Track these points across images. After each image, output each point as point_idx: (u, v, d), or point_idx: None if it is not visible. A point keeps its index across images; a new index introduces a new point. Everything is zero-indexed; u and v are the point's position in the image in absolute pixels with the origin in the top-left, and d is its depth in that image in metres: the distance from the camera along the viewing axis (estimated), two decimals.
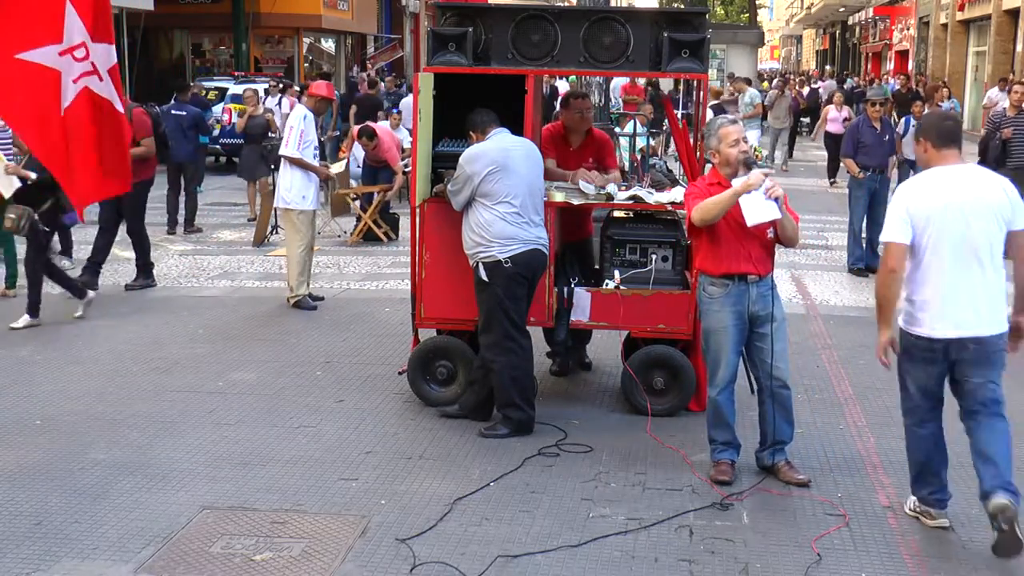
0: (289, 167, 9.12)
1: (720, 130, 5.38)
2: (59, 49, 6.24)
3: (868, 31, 50.73)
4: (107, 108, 6.51)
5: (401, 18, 37.58)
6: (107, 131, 6.57)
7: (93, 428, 6.17)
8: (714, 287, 5.38)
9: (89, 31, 6.35)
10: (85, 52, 6.35)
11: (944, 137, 4.76)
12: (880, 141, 11.09)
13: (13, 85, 6.21)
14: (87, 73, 6.38)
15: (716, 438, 5.58)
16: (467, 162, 5.99)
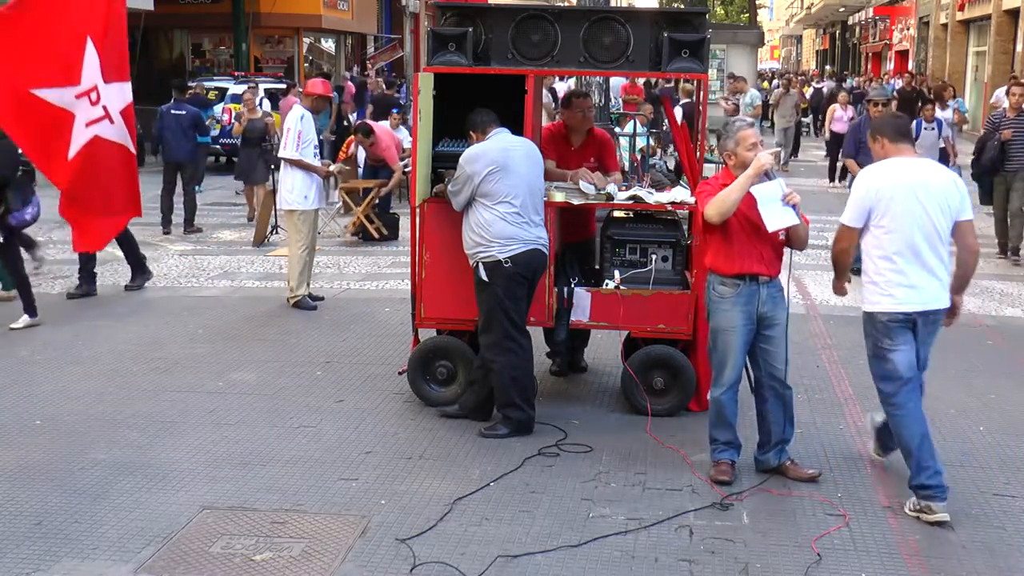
0: (289, 168, 9.12)
1: (738, 132, 5.35)
2: (76, 92, 6.16)
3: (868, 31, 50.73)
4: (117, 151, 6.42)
5: (401, 18, 37.58)
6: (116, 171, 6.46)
7: (93, 428, 6.17)
8: (724, 286, 5.37)
9: (103, 71, 6.26)
10: (97, 96, 6.27)
11: (898, 132, 5.21)
12: None
13: (26, 118, 6.11)
14: (99, 119, 6.30)
15: (717, 437, 5.57)
16: (467, 162, 5.99)
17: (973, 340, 8.47)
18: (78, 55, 6.16)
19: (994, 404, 6.84)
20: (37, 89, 6.06)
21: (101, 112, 6.28)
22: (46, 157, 6.24)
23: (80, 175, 6.29)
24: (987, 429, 6.36)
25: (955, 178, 5.18)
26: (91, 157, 6.28)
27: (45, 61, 6.07)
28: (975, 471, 5.70)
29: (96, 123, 6.28)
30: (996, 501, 5.32)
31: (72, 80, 6.14)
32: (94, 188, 6.39)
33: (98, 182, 6.39)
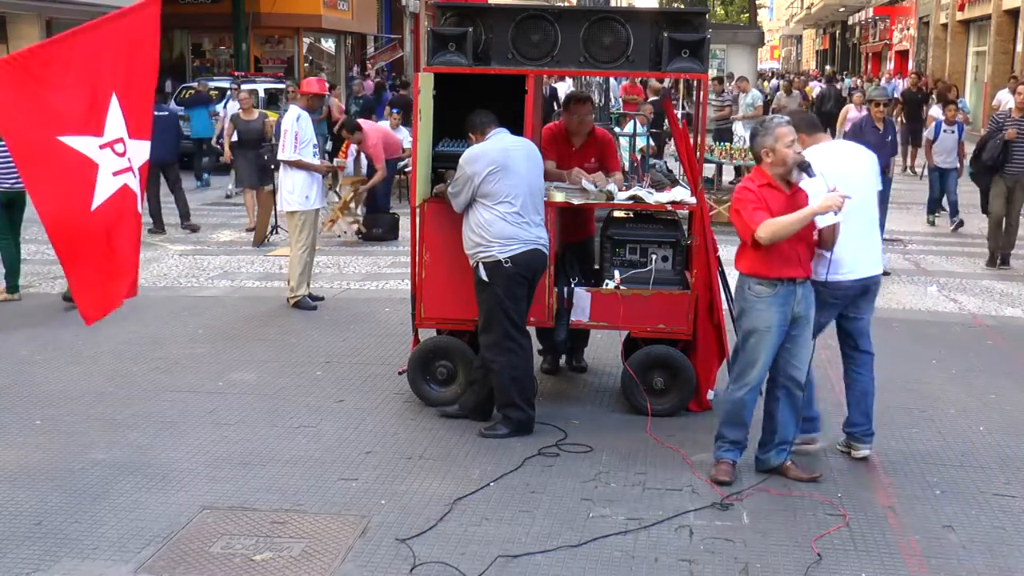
0: (289, 170, 9.10)
1: (777, 129, 5.25)
2: (100, 142, 6.07)
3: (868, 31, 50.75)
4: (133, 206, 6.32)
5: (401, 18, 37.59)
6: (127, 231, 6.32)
7: (93, 428, 6.17)
8: (761, 286, 5.29)
9: (128, 126, 6.20)
10: (124, 148, 6.18)
11: (812, 126, 5.80)
12: (883, 141, 10.94)
13: (48, 166, 5.98)
14: (126, 169, 6.20)
15: (726, 435, 5.51)
16: (467, 163, 5.99)
17: (973, 340, 8.47)
18: (103, 106, 6.09)
19: (994, 404, 6.84)
20: (63, 136, 5.96)
21: (127, 163, 6.20)
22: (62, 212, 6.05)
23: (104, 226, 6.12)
24: (987, 429, 6.36)
25: (871, 156, 5.82)
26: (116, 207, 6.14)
27: (70, 109, 5.99)
28: (975, 471, 5.70)
29: (123, 173, 6.18)
30: (996, 501, 5.32)
31: (96, 130, 6.05)
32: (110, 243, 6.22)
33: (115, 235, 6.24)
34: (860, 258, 5.53)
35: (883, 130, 11.07)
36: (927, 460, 5.84)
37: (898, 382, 7.24)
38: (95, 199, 6.03)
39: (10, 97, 5.88)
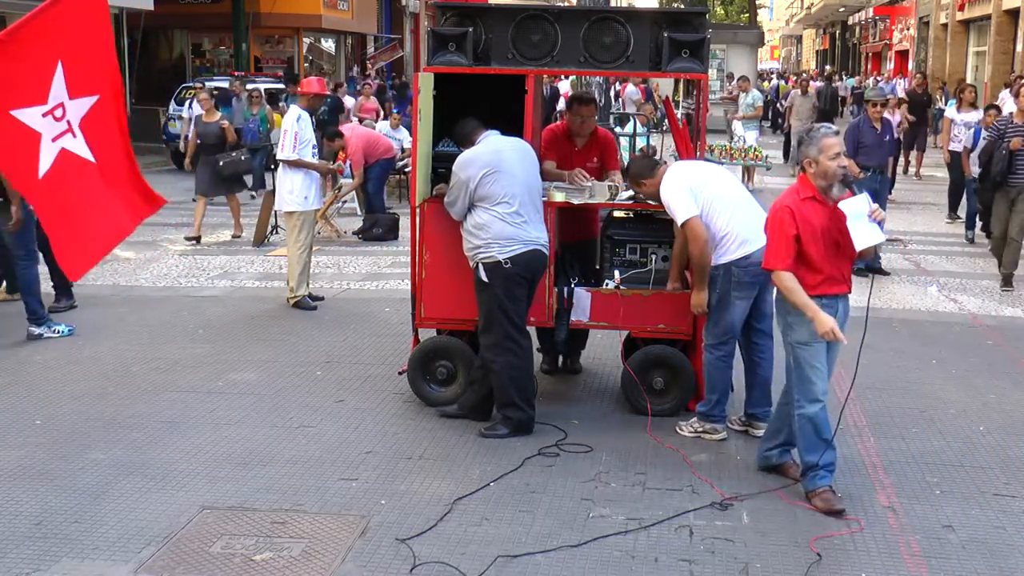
0: (289, 170, 9.10)
1: (823, 140, 5.10)
2: (43, 110, 6.33)
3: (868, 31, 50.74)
4: (82, 164, 6.50)
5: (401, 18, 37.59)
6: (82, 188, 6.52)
7: (93, 428, 6.17)
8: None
9: (69, 88, 6.42)
10: (62, 112, 6.41)
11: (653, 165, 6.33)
12: (880, 141, 10.94)
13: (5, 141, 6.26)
14: (63, 132, 6.42)
15: (817, 463, 5.16)
16: (460, 168, 5.99)
17: (973, 340, 8.47)
18: (48, 76, 6.34)
19: (994, 404, 6.84)
20: (15, 110, 6.23)
21: (65, 126, 6.41)
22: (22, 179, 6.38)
23: (54, 192, 6.36)
24: (987, 429, 6.36)
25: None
26: (61, 171, 6.38)
27: (23, 82, 6.27)
28: (975, 471, 5.70)
29: (60, 137, 6.41)
30: (996, 501, 5.32)
31: (41, 99, 6.31)
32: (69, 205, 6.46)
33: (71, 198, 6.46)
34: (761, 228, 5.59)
35: (880, 130, 11.03)
36: (927, 460, 5.84)
37: (898, 382, 7.24)
38: (40, 167, 6.35)
39: None
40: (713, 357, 6.01)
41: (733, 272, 5.85)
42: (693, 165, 6.22)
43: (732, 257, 5.86)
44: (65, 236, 6.49)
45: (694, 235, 5.87)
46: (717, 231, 5.90)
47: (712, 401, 6.06)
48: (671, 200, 5.96)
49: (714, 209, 5.90)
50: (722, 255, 5.89)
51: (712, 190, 5.94)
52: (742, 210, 5.95)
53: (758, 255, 5.67)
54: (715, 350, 6.00)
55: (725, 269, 5.88)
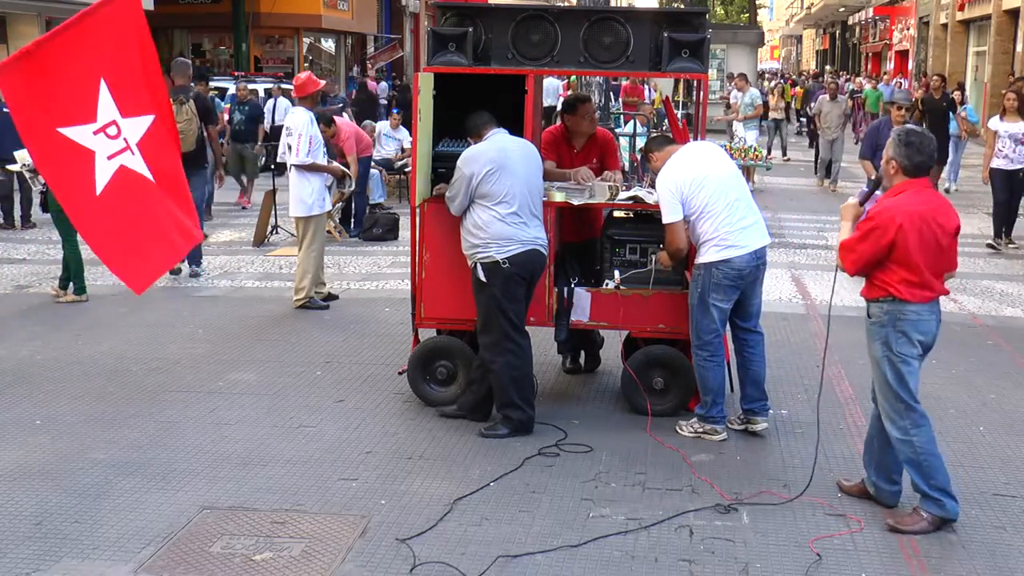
0: (304, 173, 9.01)
1: None
2: (94, 128, 6.31)
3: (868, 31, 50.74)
4: (142, 182, 6.49)
5: (401, 18, 37.59)
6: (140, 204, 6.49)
7: (93, 428, 6.17)
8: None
9: (119, 107, 6.40)
10: (117, 130, 6.40)
11: (667, 141, 6.40)
12: None
13: (55, 159, 6.25)
14: (122, 151, 6.40)
15: (939, 487, 4.95)
16: (464, 163, 5.99)
17: (973, 340, 8.48)
18: (93, 94, 6.32)
19: (994, 404, 6.84)
20: (62, 128, 6.20)
21: (123, 144, 6.40)
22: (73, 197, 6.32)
23: (114, 208, 6.33)
24: (987, 429, 6.36)
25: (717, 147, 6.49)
26: (121, 187, 6.35)
27: (66, 100, 6.25)
28: (975, 471, 5.70)
29: (118, 155, 6.40)
30: (996, 501, 5.32)
31: (89, 118, 6.29)
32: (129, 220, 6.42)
33: (132, 213, 6.43)
34: (749, 232, 5.93)
35: None
36: None
37: None
38: (98, 184, 6.31)
39: (22, 94, 6.15)
40: (699, 357, 6.04)
41: (713, 274, 5.88)
42: (697, 157, 6.09)
43: (713, 259, 5.88)
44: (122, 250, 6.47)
45: (671, 238, 6.02)
46: (703, 232, 5.92)
47: (708, 403, 6.07)
48: (660, 196, 6.03)
49: (706, 212, 5.90)
50: (704, 255, 5.92)
51: (707, 193, 5.91)
52: (734, 213, 5.93)
53: (740, 261, 5.77)
54: (700, 350, 6.03)
55: (706, 269, 5.91)
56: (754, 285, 6.06)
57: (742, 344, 6.19)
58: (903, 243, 4.80)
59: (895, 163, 4.92)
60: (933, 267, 4.89)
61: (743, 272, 5.88)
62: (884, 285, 4.91)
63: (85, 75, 6.31)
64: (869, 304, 5.02)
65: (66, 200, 6.40)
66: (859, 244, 4.90)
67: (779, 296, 9.81)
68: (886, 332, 4.92)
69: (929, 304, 4.92)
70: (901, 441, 4.97)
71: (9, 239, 12.59)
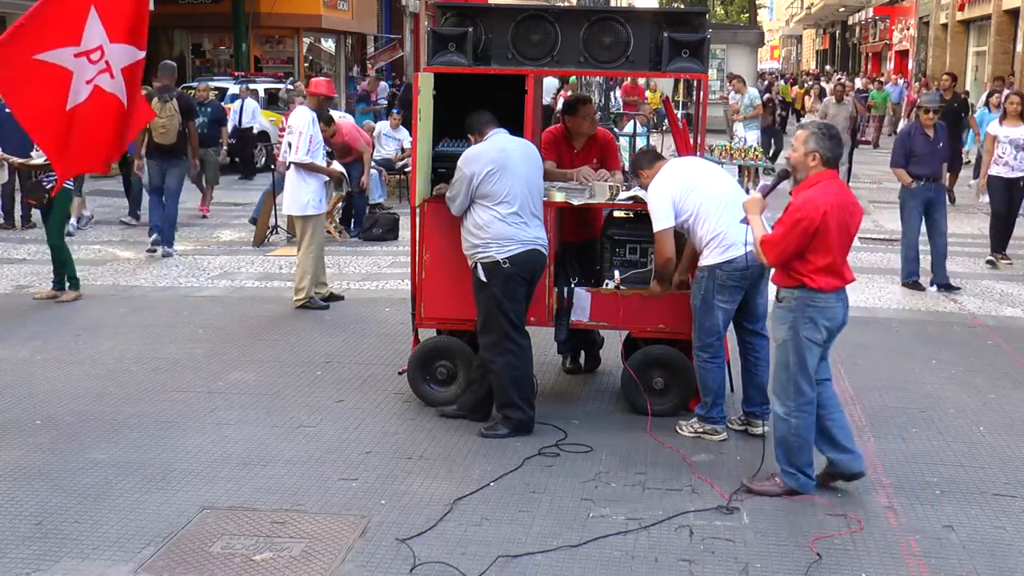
0: (302, 173, 9.03)
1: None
2: (75, 51, 6.51)
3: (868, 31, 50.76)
4: (112, 100, 6.74)
5: (401, 18, 37.58)
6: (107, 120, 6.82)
7: (93, 428, 6.16)
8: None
9: (108, 32, 6.57)
10: (101, 54, 6.61)
11: (656, 157, 6.33)
12: (933, 149, 10.15)
13: (25, 82, 6.51)
14: (101, 72, 6.62)
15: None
16: (465, 163, 5.99)
17: (973, 340, 8.47)
18: (81, 19, 6.54)
19: (994, 404, 6.84)
20: (39, 54, 6.44)
21: (103, 67, 6.64)
22: (40, 119, 6.66)
23: (81, 123, 6.70)
24: (987, 429, 6.36)
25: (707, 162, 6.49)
26: (94, 107, 6.67)
27: (47, 27, 6.54)
28: (975, 471, 5.70)
29: (98, 75, 6.63)
30: (996, 501, 5.32)
31: (72, 41, 6.52)
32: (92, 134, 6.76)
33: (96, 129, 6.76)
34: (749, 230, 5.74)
35: (934, 137, 10.15)
36: (927, 460, 5.84)
37: (898, 382, 7.24)
38: (69, 101, 6.69)
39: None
40: (700, 359, 6.04)
41: (717, 275, 5.87)
42: (687, 167, 6.17)
43: (717, 260, 5.86)
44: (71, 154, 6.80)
45: (661, 246, 6.00)
46: (705, 234, 5.91)
47: (708, 403, 6.07)
48: (651, 204, 6.01)
49: (702, 212, 5.90)
50: (707, 257, 5.91)
51: (701, 193, 5.92)
52: (729, 211, 5.91)
53: (742, 260, 5.74)
54: (702, 352, 6.02)
55: (709, 271, 5.89)
56: (758, 283, 6.06)
57: (748, 348, 6.18)
58: (825, 231, 5.05)
59: (818, 155, 5.13)
60: (845, 255, 5.22)
61: (746, 271, 5.87)
62: (798, 275, 5.14)
63: (72, 2, 6.55)
64: (780, 289, 5.25)
65: (29, 120, 6.72)
66: (786, 238, 5.08)
67: None
68: (794, 317, 5.18)
69: (837, 292, 5.21)
70: (781, 418, 5.28)
71: (9, 239, 12.58)
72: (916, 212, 10.26)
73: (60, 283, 9.41)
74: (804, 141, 5.17)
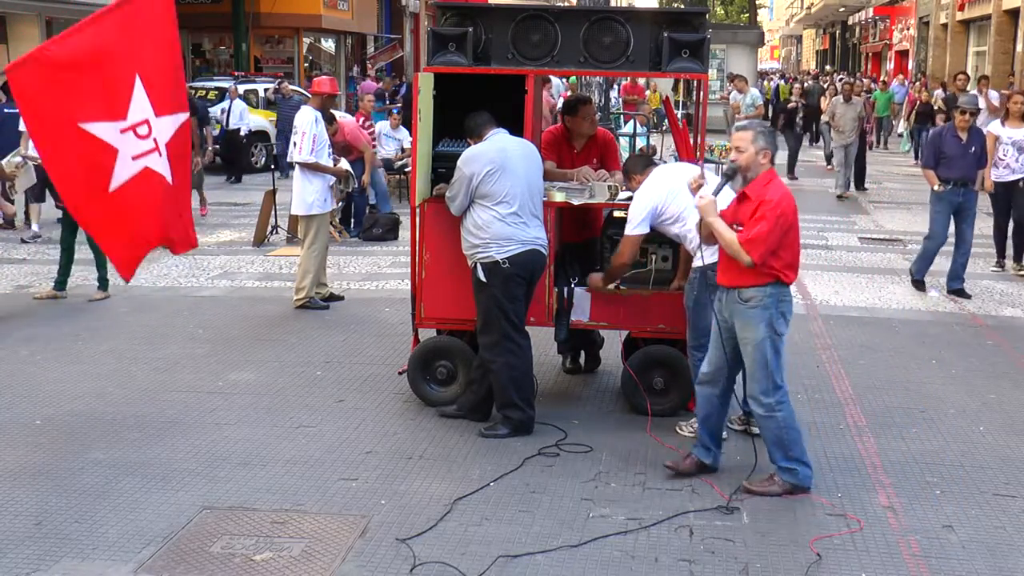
0: (306, 172, 9.04)
1: (732, 134, 5.40)
2: (122, 126, 6.20)
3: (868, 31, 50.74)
4: (162, 183, 6.45)
5: (401, 18, 37.59)
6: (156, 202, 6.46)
7: (93, 428, 6.17)
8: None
9: (154, 105, 6.32)
10: (148, 129, 6.30)
11: (648, 164, 6.28)
12: (964, 152, 9.84)
13: (69, 152, 6.17)
14: (150, 151, 6.34)
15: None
16: (465, 163, 5.99)
17: (973, 340, 8.48)
18: (127, 91, 6.22)
19: (994, 404, 6.84)
20: (85, 123, 6.10)
21: (152, 145, 6.32)
22: (82, 193, 6.25)
23: (124, 206, 6.29)
24: (987, 429, 6.36)
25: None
26: (139, 188, 6.29)
27: (94, 95, 6.14)
28: (975, 471, 5.70)
29: (145, 156, 6.31)
30: (996, 501, 5.32)
31: (119, 115, 6.18)
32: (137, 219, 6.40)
33: (141, 212, 6.40)
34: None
35: (967, 140, 9.86)
36: (927, 460, 5.84)
37: (898, 382, 7.24)
38: (113, 182, 6.22)
39: (37, 89, 6.07)
40: (696, 359, 6.01)
41: (708, 276, 5.83)
42: (672, 175, 6.06)
43: (708, 261, 5.81)
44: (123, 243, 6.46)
45: (624, 248, 6.06)
46: (695, 236, 5.86)
47: None
48: (631, 209, 6.04)
49: (691, 215, 5.85)
50: (698, 259, 5.87)
51: (687, 199, 5.83)
52: None
53: None
54: (697, 351, 6.00)
55: (701, 272, 5.88)
56: None
57: None
58: (795, 226, 5.26)
59: (768, 152, 5.27)
60: None
61: None
62: (772, 271, 5.21)
63: (119, 70, 6.20)
64: (745, 289, 5.26)
65: (69, 195, 6.30)
66: (771, 234, 5.13)
67: None
68: (769, 314, 5.25)
69: (791, 285, 5.37)
70: (765, 418, 5.32)
71: (9, 239, 12.58)
72: (942, 216, 9.97)
73: (62, 284, 9.40)
74: (753, 140, 5.26)
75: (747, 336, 5.29)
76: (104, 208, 6.25)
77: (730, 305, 5.35)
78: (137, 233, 6.50)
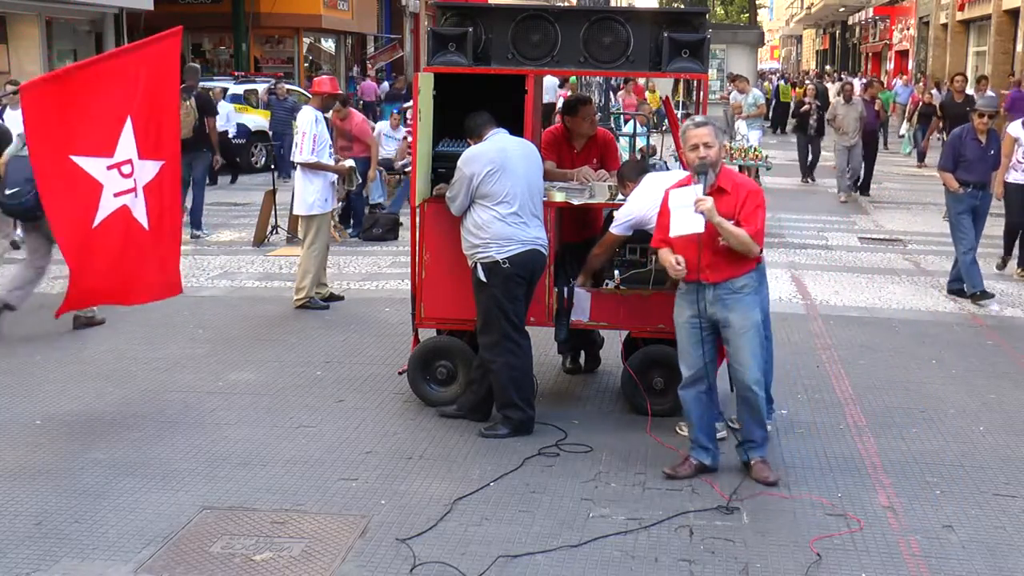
0: (308, 172, 9.05)
1: (687, 131, 5.44)
2: (108, 163, 6.33)
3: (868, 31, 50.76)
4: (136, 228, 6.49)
5: (401, 18, 37.61)
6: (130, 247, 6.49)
7: (93, 428, 6.17)
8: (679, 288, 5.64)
9: (139, 148, 6.43)
10: (131, 169, 6.42)
11: (642, 171, 6.37)
12: (983, 155, 9.76)
13: (59, 183, 6.25)
14: (128, 191, 6.43)
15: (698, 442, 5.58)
16: (465, 164, 5.99)
17: (973, 340, 8.48)
18: (116, 130, 6.35)
19: (994, 404, 6.84)
20: (76, 156, 6.22)
21: (132, 184, 6.43)
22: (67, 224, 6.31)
23: (103, 243, 6.36)
24: (987, 429, 6.36)
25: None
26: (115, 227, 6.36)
27: (88, 130, 6.30)
28: (975, 471, 5.70)
29: (124, 194, 6.42)
30: (996, 501, 5.32)
31: (106, 152, 6.32)
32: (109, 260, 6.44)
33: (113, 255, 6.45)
34: None
35: (985, 143, 9.77)
36: (927, 460, 5.85)
37: (898, 382, 7.24)
38: (97, 217, 6.30)
39: (41, 115, 6.17)
40: None
41: None
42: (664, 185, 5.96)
43: None
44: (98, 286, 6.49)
45: (603, 244, 6.26)
46: None
47: None
48: (619, 211, 6.14)
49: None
50: None
51: None
52: None
53: None
54: None
55: None
56: None
57: None
58: None
59: (726, 146, 5.41)
60: None
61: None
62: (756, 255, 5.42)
63: (113, 110, 6.39)
64: (737, 279, 5.35)
65: (58, 226, 6.33)
66: (762, 223, 5.34)
67: (779, 296, 9.79)
68: (763, 293, 5.55)
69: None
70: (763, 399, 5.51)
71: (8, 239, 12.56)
72: (966, 219, 9.77)
73: None
74: (715, 135, 5.42)
75: (746, 323, 5.36)
76: (87, 244, 6.32)
77: (720, 299, 5.36)
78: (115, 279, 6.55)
